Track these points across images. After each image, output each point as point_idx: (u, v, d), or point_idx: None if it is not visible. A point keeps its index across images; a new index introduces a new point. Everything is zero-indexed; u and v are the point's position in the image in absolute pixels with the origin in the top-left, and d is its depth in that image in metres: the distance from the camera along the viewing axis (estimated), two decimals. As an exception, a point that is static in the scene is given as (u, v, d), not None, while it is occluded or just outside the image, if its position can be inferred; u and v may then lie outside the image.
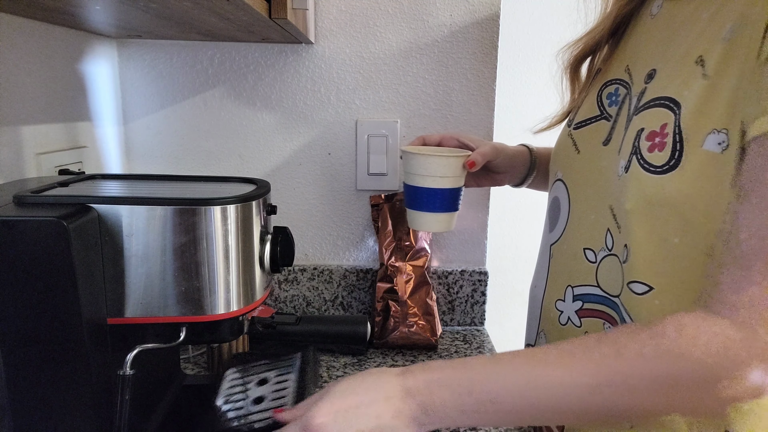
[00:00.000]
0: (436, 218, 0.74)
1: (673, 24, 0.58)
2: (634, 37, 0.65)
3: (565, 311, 0.65)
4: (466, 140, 0.80)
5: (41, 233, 0.47)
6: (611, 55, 0.68)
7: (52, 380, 0.50)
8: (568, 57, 0.73)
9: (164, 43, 0.99)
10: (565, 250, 0.67)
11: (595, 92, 0.67)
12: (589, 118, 0.67)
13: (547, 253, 0.71)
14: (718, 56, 0.50)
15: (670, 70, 0.55)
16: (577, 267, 0.64)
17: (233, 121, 1.03)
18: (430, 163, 0.72)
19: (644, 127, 0.55)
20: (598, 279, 0.61)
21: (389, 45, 1.00)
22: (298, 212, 1.06)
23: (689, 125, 0.51)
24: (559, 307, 0.66)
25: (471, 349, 0.99)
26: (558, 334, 0.66)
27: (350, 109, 1.02)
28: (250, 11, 0.63)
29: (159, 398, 0.71)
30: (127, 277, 0.54)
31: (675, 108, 0.52)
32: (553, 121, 0.77)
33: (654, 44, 0.60)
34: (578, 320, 0.63)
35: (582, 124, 0.68)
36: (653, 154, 0.53)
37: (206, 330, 0.58)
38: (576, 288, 0.63)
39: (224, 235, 0.55)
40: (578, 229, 0.65)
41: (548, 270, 0.70)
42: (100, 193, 0.59)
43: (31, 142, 0.76)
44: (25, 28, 0.75)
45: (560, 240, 0.68)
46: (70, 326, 0.49)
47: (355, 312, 1.08)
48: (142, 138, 1.03)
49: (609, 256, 0.59)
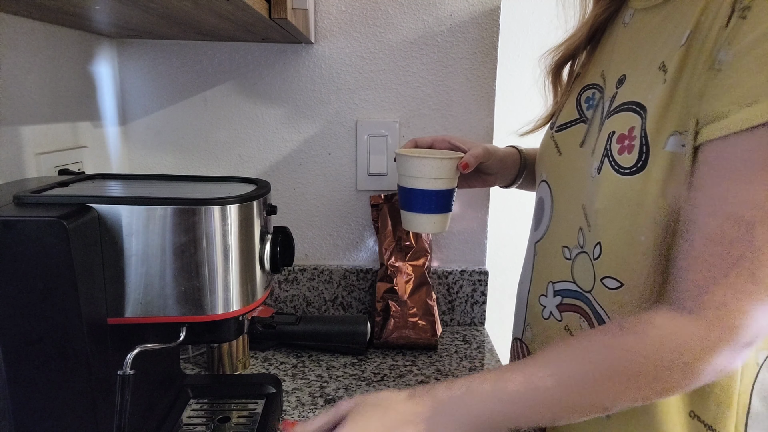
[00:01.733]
0: (431, 219, 0.75)
1: (642, 32, 0.61)
2: (609, 44, 0.68)
3: (548, 306, 0.68)
4: (458, 142, 0.81)
5: (41, 233, 0.47)
6: (589, 61, 0.71)
7: (52, 380, 0.50)
8: (550, 62, 0.75)
9: (164, 43, 0.99)
10: (547, 248, 0.69)
11: (575, 96, 0.70)
12: (569, 121, 0.70)
13: (532, 251, 0.73)
14: (676, 61, 0.53)
15: (638, 75, 0.58)
16: (557, 264, 0.67)
17: (233, 121, 1.03)
18: (423, 165, 0.73)
19: (615, 130, 0.58)
20: (574, 275, 0.64)
21: (389, 45, 1.00)
22: (298, 212, 1.06)
23: (653, 128, 0.54)
24: (542, 302, 0.69)
25: (471, 349, 0.99)
26: (541, 328, 0.69)
27: (350, 109, 1.02)
28: (250, 11, 0.63)
29: (159, 398, 0.71)
30: (127, 277, 0.54)
31: (641, 112, 0.55)
32: (538, 124, 0.79)
33: (625, 51, 0.63)
34: (559, 314, 0.66)
35: (563, 127, 0.70)
36: (623, 156, 0.56)
37: (206, 330, 0.58)
38: (556, 284, 0.67)
39: (224, 235, 0.55)
40: (558, 228, 0.68)
41: (533, 267, 0.72)
42: (100, 193, 0.59)
43: (31, 142, 0.76)
44: (25, 28, 0.75)
45: (543, 238, 0.70)
46: (70, 326, 0.49)
47: (355, 312, 1.08)
48: (142, 138, 1.03)
49: (581, 254, 0.62)
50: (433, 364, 0.94)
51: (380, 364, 0.93)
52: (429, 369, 0.92)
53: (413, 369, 0.92)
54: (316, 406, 0.80)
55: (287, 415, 0.78)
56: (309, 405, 0.80)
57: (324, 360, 0.94)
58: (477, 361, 0.95)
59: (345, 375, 0.89)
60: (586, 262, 0.61)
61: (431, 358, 0.96)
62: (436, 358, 0.96)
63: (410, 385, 0.86)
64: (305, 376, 0.89)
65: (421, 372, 0.91)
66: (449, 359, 0.96)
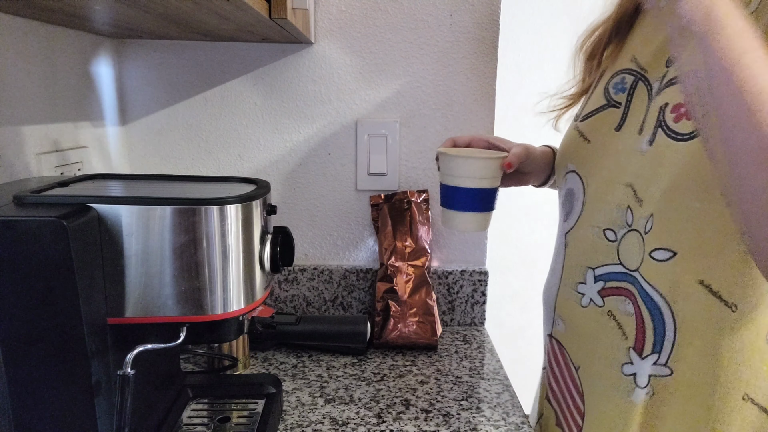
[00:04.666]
0: (474, 217, 0.77)
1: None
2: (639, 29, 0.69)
3: (587, 293, 0.67)
4: (497, 142, 0.82)
5: (41, 233, 0.47)
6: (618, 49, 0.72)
7: (52, 380, 0.50)
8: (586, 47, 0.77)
9: (164, 43, 0.99)
10: (581, 235, 0.70)
11: (602, 86, 0.71)
12: (595, 108, 0.70)
13: (563, 242, 0.73)
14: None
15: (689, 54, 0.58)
16: (599, 248, 0.66)
17: (233, 121, 1.03)
18: (469, 164, 0.74)
19: (668, 102, 0.59)
20: (620, 256, 0.64)
21: (389, 45, 1.00)
22: (298, 212, 1.06)
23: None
24: (581, 290, 0.68)
25: (471, 349, 0.99)
26: (578, 317, 0.69)
27: (350, 109, 1.02)
28: (250, 11, 0.63)
29: (159, 398, 0.71)
30: (127, 276, 0.54)
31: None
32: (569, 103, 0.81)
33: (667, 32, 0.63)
34: (601, 300, 0.66)
35: (589, 115, 0.71)
36: (680, 123, 0.57)
37: (206, 330, 0.58)
38: (597, 269, 0.66)
39: (224, 235, 0.55)
40: (595, 213, 0.68)
41: (564, 258, 0.72)
42: (100, 193, 0.59)
43: (31, 142, 0.76)
44: (25, 29, 0.75)
45: (575, 227, 0.71)
46: (70, 326, 0.49)
47: (355, 312, 1.08)
48: (142, 138, 1.03)
49: (630, 232, 0.63)
50: (433, 364, 0.94)
51: (380, 364, 0.93)
52: (429, 369, 0.92)
53: (413, 369, 0.92)
54: (316, 406, 0.80)
55: (287, 415, 0.78)
56: (309, 405, 0.81)
57: (324, 360, 0.94)
58: (477, 361, 0.95)
59: (345, 375, 0.90)
60: (636, 239, 0.62)
61: (431, 358, 0.96)
62: (436, 358, 0.96)
63: (410, 386, 0.86)
64: (305, 376, 0.89)
65: (421, 372, 0.91)
66: (449, 359, 0.96)
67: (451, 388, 0.86)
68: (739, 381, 0.56)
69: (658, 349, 0.59)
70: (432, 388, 0.86)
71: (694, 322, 0.58)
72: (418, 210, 1.03)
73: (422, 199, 1.04)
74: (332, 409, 0.80)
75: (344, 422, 0.76)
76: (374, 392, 0.84)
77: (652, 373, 0.60)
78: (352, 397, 0.83)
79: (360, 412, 0.79)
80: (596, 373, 0.67)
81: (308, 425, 0.75)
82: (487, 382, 0.88)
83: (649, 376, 0.60)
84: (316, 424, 0.76)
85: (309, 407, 0.80)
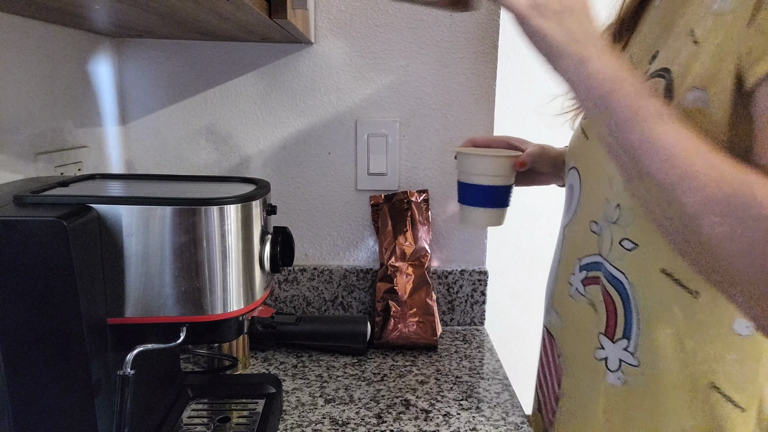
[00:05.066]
0: (486, 213, 0.80)
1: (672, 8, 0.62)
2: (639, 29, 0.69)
3: (574, 284, 0.69)
4: (517, 142, 0.83)
5: (41, 233, 0.47)
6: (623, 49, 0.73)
7: (52, 380, 0.50)
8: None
9: (164, 43, 0.99)
10: (575, 228, 0.71)
11: None
12: None
13: (561, 236, 0.75)
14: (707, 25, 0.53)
15: (668, 47, 0.59)
16: (585, 240, 0.68)
17: (233, 121, 1.03)
18: (481, 162, 0.78)
19: None
20: (600, 246, 0.65)
21: (389, 45, 1.00)
22: (298, 212, 1.06)
23: (676, 85, 0.54)
24: (571, 281, 0.70)
25: (471, 349, 0.99)
26: (567, 307, 0.70)
27: (350, 108, 1.02)
28: (250, 11, 0.63)
29: (159, 398, 0.71)
30: (127, 277, 0.54)
31: (666, 75, 0.56)
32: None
33: (658, 29, 0.64)
34: (583, 288, 0.67)
35: None
36: None
37: (206, 330, 0.58)
38: (582, 259, 0.68)
39: (224, 235, 0.55)
40: (587, 207, 0.69)
41: (561, 251, 0.74)
42: (100, 193, 0.59)
43: (31, 142, 0.76)
44: (25, 28, 0.75)
45: (572, 221, 0.72)
46: (70, 326, 0.49)
47: (355, 312, 1.08)
48: (142, 138, 1.03)
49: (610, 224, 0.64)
50: (433, 364, 0.94)
51: (380, 364, 0.93)
52: (429, 369, 0.92)
53: (413, 369, 0.92)
54: (316, 406, 0.80)
55: (287, 415, 0.78)
56: (309, 405, 0.81)
57: (324, 360, 0.94)
58: (477, 361, 0.95)
59: (345, 375, 0.90)
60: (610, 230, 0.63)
61: (431, 358, 0.96)
62: (436, 358, 0.96)
63: (410, 386, 0.86)
64: (305, 376, 0.89)
65: (421, 372, 0.91)
66: (449, 359, 0.96)
67: (451, 388, 0.86)
68: (704, 370, 0.57)
69: (628, 334, 0.61)
70: (432, 388, 0.86)
71: (658, 311, 0.59)
72: (418, 210, 1.03)
73: (422, 199, 1.04)
74: (332, 409, 0.80)
75: (344, 422, 0.76)
76: (374, 392, 0.84)
77: (623, 359, 0.61)
78: (352, 397, 0.83)
79: (360, 412, 0.79)
80: (572, 358, 0.69)
81: (308, 425, 0.75)
82: (486, 382, 0.88)
83: (620, 361, 0.61)
84: (316, 424, 0.76)
85: (309, 407, 0.80)
